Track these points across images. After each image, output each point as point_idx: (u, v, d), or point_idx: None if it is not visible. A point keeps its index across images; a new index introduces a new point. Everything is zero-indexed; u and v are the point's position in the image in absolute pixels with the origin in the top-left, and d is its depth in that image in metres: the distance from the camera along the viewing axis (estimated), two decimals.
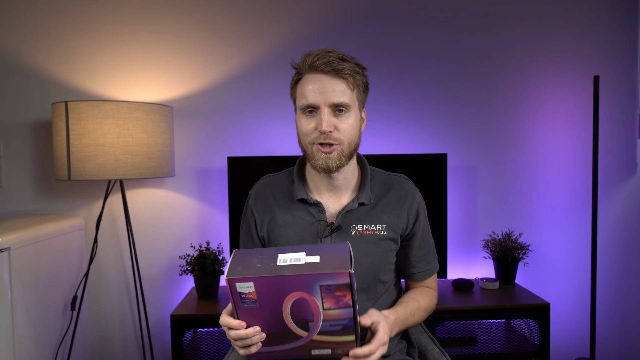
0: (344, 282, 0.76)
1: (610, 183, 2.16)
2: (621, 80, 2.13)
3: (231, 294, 0.80)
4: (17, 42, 1.99)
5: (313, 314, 0.80)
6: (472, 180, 2.14)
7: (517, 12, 2.11)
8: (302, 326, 0.82)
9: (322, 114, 0.97)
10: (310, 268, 0.77)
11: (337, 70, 0.96)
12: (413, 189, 1.11)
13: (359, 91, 1.01)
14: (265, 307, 0.80)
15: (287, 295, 0.78)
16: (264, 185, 1.14)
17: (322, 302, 0.78)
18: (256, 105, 2.07)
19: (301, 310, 0.80)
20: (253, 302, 0.80)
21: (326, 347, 0.84)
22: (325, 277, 0.76)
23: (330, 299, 0.78)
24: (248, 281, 0.78)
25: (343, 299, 0.78)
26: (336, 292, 0.77)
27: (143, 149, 1.72)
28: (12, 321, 1.50)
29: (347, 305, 0.79)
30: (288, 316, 0.81)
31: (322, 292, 0.78)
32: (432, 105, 2.12)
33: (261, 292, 0.79)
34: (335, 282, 0.76)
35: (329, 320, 0.80)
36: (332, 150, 0.98)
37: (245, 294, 0.79)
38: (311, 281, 0.77)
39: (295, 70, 1.03)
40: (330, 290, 0.77)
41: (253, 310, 0.81)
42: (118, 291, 2.08)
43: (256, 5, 2.05)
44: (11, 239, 1.50)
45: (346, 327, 0.81)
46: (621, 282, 2.19)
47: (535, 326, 1.86)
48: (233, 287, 0.79)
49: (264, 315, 0.81)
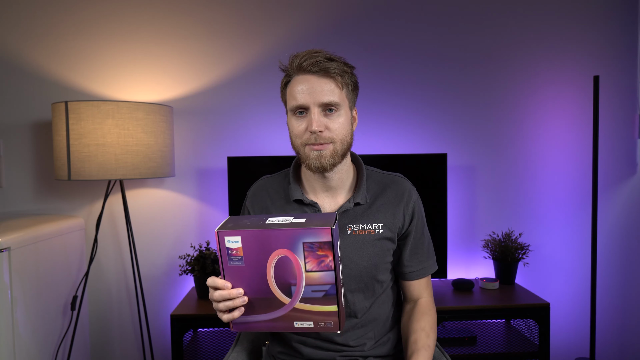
0: (325, 239, 0.78)
1: (610, 183, 2.16)
2: (621, 80, 2.13)
3: (219, 250, 0.82)
4: (17, 42, 1.99)
5: (296, 277, 0.81)
6: (472, 180, 2.14)
7: (517, 12, 2.11)
8: (285, 291, 0.83)
9: (312, 114, 0.97)
10: (295, 225, 0.80)
11: (324, 70, 0.97)
12: (410, 188, 1.11)
13: (348, 90, 1.02)
14: (251, 266, 0.82)
15: (271, 252, 0.80)
16: (260, 187, 1.14)
17: (304, 262, 0.80)
18: (256, 105, 2.07)
19: (285, 272, 0.81)
20: (239, 259, 0.82)
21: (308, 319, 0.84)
22: (308, 233, 0.78)
23: (313, 259, 0.80)
24: (236, 235, 0.80)
25: (325, 260, 0.80)
26: (318, 250, 0.79)
27: (143, 149, 1.72)
28: (12, 321, 1.50)
29: (329, 268, 0.80)
30: (272, 278, 0.82)
31: (304, 250, 0.79)
32: (432, 105, 2.12)
33: (247, 247, 0.81)
34: (318, 239, 0.78)
35: (311, 285, 0.82)
36: (324, 148, 0.99)
37: (232, 249, 0.81)
38: (295, 237, 0.79)
39: (284, 72, 1.03)
40: (312, 249, 0.79)
41: (239, 270, 0.83)
42: (118, 291, 2.08)
43: (256, 5, 2.05)
44: (11, 239, 1.50)
45: (328, 294, 0.82)
46: (621, 282, 2.19)
47: (535, 326, 1.86)
48: (222, 241, 0.81)
49: (249, 277, 0.83)
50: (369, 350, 1.07)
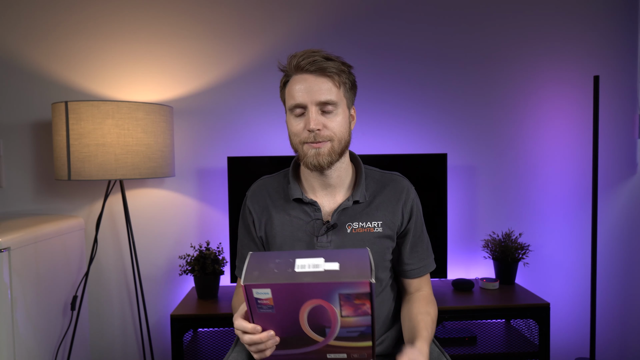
0: (364, 291, 0.74)
1: (610, 183, 2.16)
2: (621, 80, 2.13)
3: (247, 299, 0.78)
4: (17, 42, 1.99)
5: (330, 321, 0.78)
6: (472, 180, 2.14)
7: (518, 12, 2.11)
8: (319, 332, 0.80)
9: (310, 112, 0.99)
10: (330, 276, 0.75)
11: (322, 69, 0.98)
12: (408, 186, 1.11)
13: (346, 89, 1.03)
14: (282, 313, 0.79)
15: (304, 302, 0.77)
16: (260, 186, 1.15)
17: (340, 310, 0.77)
18: (256, 105, 2.07)
19: (318, 317, 0.78)
20: (269, 307, 0.78)
21: (342, 352, 0.83)
22: (345, 286, 0.74)
23: (349, 307, 0.76)
24: (265, 287, 0.76)
25: (362, 307, 0.76)
26: (355, 300, 0.76)
27: (143, 149, 1.72)
28: (12, 321, 1.50)
29: (365, 313, 0.77)
30: (305, 322, 0.79)
31: (340, 300, 0.76)
32: (432, 105, 2.12)
33: (278, 298, 0.77)
34: (355, 291, 0.74)
35: (346, 327, 0.79)
36: (322, 146, 0.99)
37: (261, 299, 0.77)
38: (330, 290, 0.75)
39: (282, 72, 1.05)
40: (349, 299, 0.76)
41: (269, 316, 0.80)
42: (118, 291, 2.08)
43: (256, 5, 2.05)
44: (11, 239, 1.50)
45: (364, 333, 0.80)
46: (621, 282, 2.19)
47: (535, 326, 1.86)
48: (249, 293, 0.77)
49: (280, 321, 0.80)
50: None
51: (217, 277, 1.89)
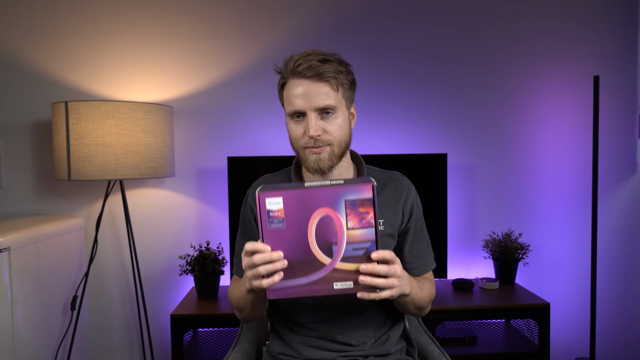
0: (367, 196, 0.80)
1: (610, 183, 2.16)
2: (621, 80, 2.13)
3: (259, 213, 0.82)
4: (17, 42, 1.99)
5: (337, 235, 0.82)
6: (472, 180, 2.14)
7: (517, 12, 2.11)
8: (326, 251, 0.83)
9: (309, 119, 0.98)
10: (336, 185, 0.82)
11: (319, 74, 0.97)
12: (408, 185, 1.12)
13: (345, 90, 1.02)
14: (292, 228, 0.82)
15: (313, 211, 0.81)
16: (261, 184, 1.14)
17: (346, 219, 0.81)
18: (256, 105, 2.07)
19: (326, 231, 0.82)
20: (280, 221, 0.82)
21: (348, 279, 0.84)
22: (350, 190, 0.80)
23: (354, 216, 0.81)
24: (277, 196, 0.81)
25: (366, 217, 0.81)
26: (360, 208, 0.81)
27: (143, 149, 1.72)
28: (12, 321, 1.50)
29: (369, 225, 0.81)
30: (313, 238, 0.82)
31: (346, 207, 0.81)
32: (432, 105, 2.12)
33: (289, 208, 0.81)
34: (360, 196, 0.80)
35: (352, 243, 0.82)
36: (322, 151, 1.00)
37: (273, 211, 0.81)
38: (337, 195, 0.81)
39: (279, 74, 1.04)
40: (354, 206, 0.81)
41: (279, 232, 0.82)
42: (118, 291, 2.08)
43: (256, 5, 2.05)
44: (11, 239, 1.50)
45: (368, 251, 0.83)
46: (621, 282, 2.19)
47: (535, 326, 1.86)
48: (262, 203, 0.81)
49: (290, 239, 0.83)
50: (369, 349, 1.07)
51: (217, 277, 1.89)
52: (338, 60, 1.01)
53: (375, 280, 0.82)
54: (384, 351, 1.09)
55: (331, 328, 1.06)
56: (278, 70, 1.04)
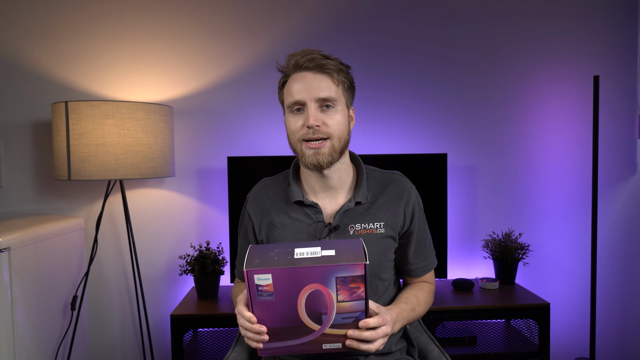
0: (359, 273, 0.80)
1: (610, 183, 2.16)
2: (621, 80, 2.13)
3: (248, 286, 0.82)
4: (17, 42, 1.99)
5: (327, 307, 0.83)
6: (472, 180, 2.14)
7: (517, 12, 2.11)
8: (315, 319, 0.84)
9: (309, 109, 0.98)
10: (327, 260, 0.81)
11: (320, 65, 0.99)
12: (409, 186, 1.11)
13: (344, 88, 1.03)
14: (281, 300, 0.83)
15: (303, 287, 0.81)
16: (260, 189, 1.14)
17: (336, 294, 0.81)
18: (256, 105, 2.07)
19: (315, 303, 0.82)
20: (269, 294, 0.82)
21: (337, 341, 0.86)
22: (341, 268, 0.80)
23: (345, 291, 0.81)
24: (266, 273, 0.80)
25: (357, 291, 0.81)
26: (351, 284, 0.81)
27: (143, 149, 1.72)
28: (12, 321, 1.50)
29: (360, 298, 0.82)
30: (302, 309, 0.83)
31: (337, 284, 0.81)
32: (432, 105, 2.12)
33: (278, 284, 0.81)
34: (351, 273, 0.80)
35: (341, 313, 0.83)
36: (322, 145, 0.99)
37: (262, 286, 0.81)
38: (328, 273, 0.80)
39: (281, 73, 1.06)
40: (345, 282, 0.81)
41: (268, 304, 0.83)
42: (118, 291, 2.08)
43: (256, 5, 2.05)
44: (11, 239, 1.50)
45: (358, 319, 0.84)
46: (621, 282, 2.19)
47: (535, 326, 1.86)
48: (251, 279, 0.81)
49: (279, 309, 0.84)
50: None
51: (217, 277, 1.89)
52: (339, 60, 1.03)
53: (361, 346, 0.86)
54: (384, 350, 1.09)
55: None
56: (280, 67, 1.05)
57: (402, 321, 1.01)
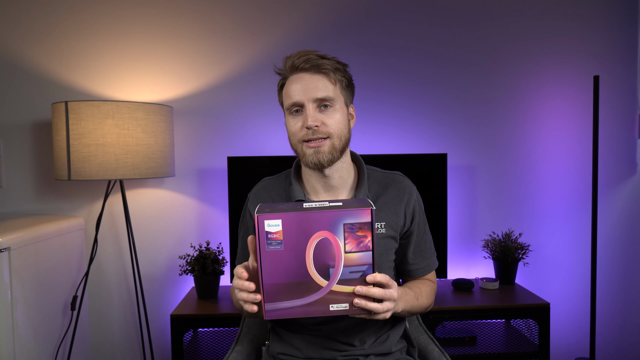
0: (366, 220, 0.81)
1: (610, 183, 2.16)
2: (621, 80, 2.13)
3: (258, 235, 0.81)
4: (17, 42, 1.99)
5: (335, 258, 0.82)
6: (472, 180, 2.14)
7: (517, 12, 2.11)
8: (323, 274, 0.83)
9: (307, 110, 0.99)
10: (335, 207, 0.82)
11: (317, 66, 0.99)
12: (410, 186, 1.12)
13: (342, 86, 1.03)
14: (289, 250, 0.82)
15: (312, 234, 0.81)
16: (261, 188, 1.15)
17: (344, 243, 0.82)
18: (256, 105, 2.07)
19: (323, 254, 0.82)
20: (278, 243, 0.82)
21: (344, 302, 0.85)
22: (349, 214, 0.81)
23: (352, 239, 0.82)
24: (276, 218, 0.81)
25: (364, 240, 0.82)
26: (358, 231, 0.81)
27: (143, 149, 1.72)
28: (12, 321, 1.50)
29: (367, 248, 0.82)
30: (310, 260, 0.83)
31: (345, 231, 0.81)
32: (432, 105, 2.12)
33: (288, 230, 0.81)
34: (359, 220, 0.81)
35: (349, 266, 0.83)
36: (322, 144, 1.00)
37: (272, 233, 0.81)
38: (336, 219, 0.81)
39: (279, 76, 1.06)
40: (352, 230, 0.81)
41: (277, 254, 0.82)
42: (118, 291, 2.08)
43: (256, 5, 2.05)
44: (11, 239, 1.50)
45: (365, 274, 0.84)
46: (621, 282, 2.19)
47: (535, 326, 1.86)
48: (261, 225, 0.81)
49: (287, 261, 0.83)
50: (370, 348, 1.07)
51: (217, 277, 1.89)
52: (335, 60, 1.03)
53: (369, 304, 0.84)
54: (384, 350, 1.09)
55: (332, 328, 1.06)
56: (277, 70, 1.05)
57: (406, 304, 0.99)
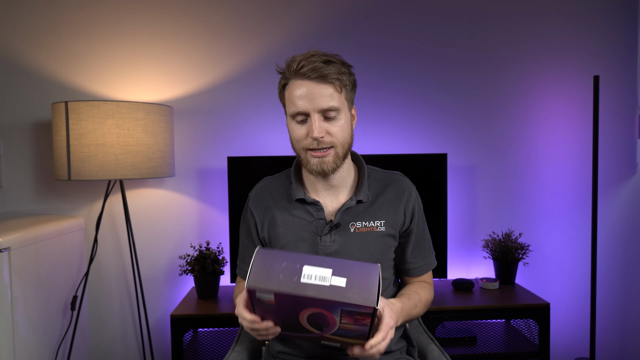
0: (366, 312, 0.76)
1: (610, 183, 2.16)
2: (621, 80, 2.13)
3: (249, 298, 0.80)
4: (17, 42, 1.99)
5: (329, 324, 0.81)
6: (472, 180, 2.14)
7: (517, 12, 2.11)
8: (317, 328, 0.83)
9: (313, 120, 0.97)
10: (335, 294, 0.75)
11: (323, 76, 0.97)
12: (409, 186, 1.12)
13: (347, 91, 1.02)
14: (283, 312, 0.81)
15: (306, 308, 0.78)
16: (262, 187, 1.15)
17: (340, 319, 0.79)
18: (256, 105, 2.07)
19: (318, 320, 0.80)
20: (271, 306, 0.80)
21: (336, 342, 0.87)
22: (348, 306, 0.75)
23: (349, 318, 0.78)
24: (268, 293, 0.77)
25: (362, 321, 0.78)
26: (357, 316, 0.77)
27: (143, 149, 1.72)
28: (12, 321, 1.50)
29: (364, 325, 0.79)
30: (304, 320, 0.82)
31: (342, 314, 0.77)
32: (432, 105, 2.12)
33: (280, 302, 0.79)
34: (359, 310, 0.76)
35: (344, 330, 0.81)
36: (327, 154, 0.99)
37: (264, 299, 0.79)
38: (333, 305, 0.76)
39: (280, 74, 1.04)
40: (351, 315, 0.77)
41: (270, 310, 0.81)
42: (118, 291, 2.08)
43: (256, 5, 2.05)
44: (11, 239, 1.50)
45: (360, 336, 0.82)
46: (621, 282, 2.19)
47: (535, 326, 1.86)
48: (252, 295, 0.79)
49: (280, 316, 0.83)
50: None
51: (217, 277, 1.89)
52: (340, 61, 1.00)
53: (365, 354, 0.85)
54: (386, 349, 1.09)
55: None
56: (280, 70, 1.03)
57: (405, 316, 1.01)
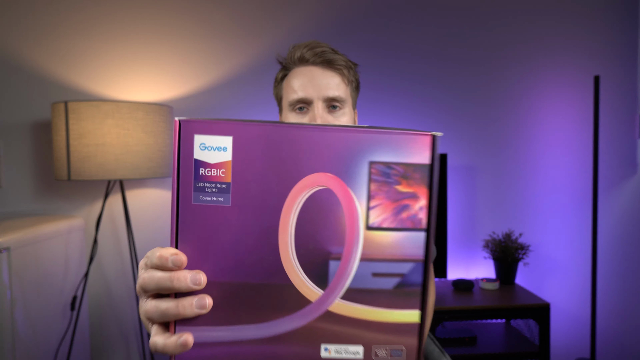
0: (419, 160, 0.36)
1: (610, 183, 2.16)
2: (621, 80, 2.13)
3: (177, 169, 0.37)
4: (17, 42, 1.99)
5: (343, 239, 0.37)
6: (472, 180, 2.14)
7: (518, 11, 2.11)
8: (315, 273, 0.38)
9: (316, 108, 0.84)
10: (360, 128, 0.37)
11: (329, 61, 0.86)
12: None
13: (352, 88, 0.92)
14: (244, 209, 0.37)
15: (298, 178, 0.37)
16: None
17: (367, 204, 0.37)
18: (256, 105, 2.07)
19: (317, 227, 0.37)
20: (222, 189, 0.37)
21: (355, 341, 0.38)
22: (387, 142, 0.36)
23: (386, 199, 0.37)
24: (222, 134, 0.36)
25: (412, 205, 0.37)
26: (402, 182, 0.37)
27: (143, 149, 1.72)
28: (12, 321, 1.50)
29: (415, 224, 0.37)
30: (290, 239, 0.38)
31: (371, 176, 0.36)
32: (432, 105, 2.12)
33: (245, 166, 0.37)
34: (405, 158, 0.36)
35: (373, 261, 0.37)
36: None
37: (209, 164, 0.37)
38: (354, 149, 0.36)
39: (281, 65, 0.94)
40: (388, 178, 0.37)
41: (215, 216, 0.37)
42: (118, 291, 2.08)
43: (256, 5, 2.05)
44: (11, 239, 1.50)
45: (405, 284, 0.38)
46: (621, 282, 2.18)
47: (535, 326, 1.86)
48: (188, 147, 0.37)
49: (237, 234, 0.37)
50: None
51: None
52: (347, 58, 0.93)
53: None
54: None
55: None
56: (281, 59, 0.94)
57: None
